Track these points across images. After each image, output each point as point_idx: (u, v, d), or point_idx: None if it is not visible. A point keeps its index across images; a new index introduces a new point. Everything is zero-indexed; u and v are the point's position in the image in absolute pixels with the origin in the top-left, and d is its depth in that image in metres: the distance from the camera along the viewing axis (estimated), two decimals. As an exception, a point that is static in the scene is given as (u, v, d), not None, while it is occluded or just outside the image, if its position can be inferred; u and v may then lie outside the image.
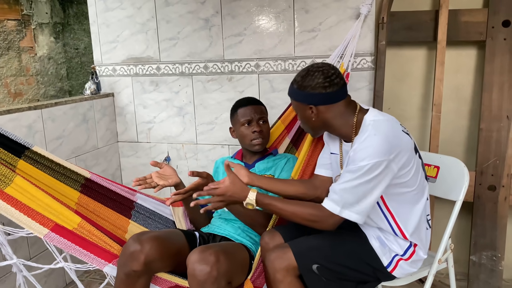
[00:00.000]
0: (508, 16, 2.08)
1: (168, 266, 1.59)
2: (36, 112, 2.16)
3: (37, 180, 1.62)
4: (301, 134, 2.13)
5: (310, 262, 1.43)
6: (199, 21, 2.48)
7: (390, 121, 1.42)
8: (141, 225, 1.86)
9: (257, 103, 1.95)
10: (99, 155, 2.64)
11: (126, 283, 1.49)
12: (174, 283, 1.58)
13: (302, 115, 1.51)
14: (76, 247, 1.50)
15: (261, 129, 1.88)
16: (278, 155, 2.02)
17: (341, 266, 1.46)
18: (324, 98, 1.43)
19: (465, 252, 2.30)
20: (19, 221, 1.47)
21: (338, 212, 1.36)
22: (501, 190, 2.14)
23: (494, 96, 2.13)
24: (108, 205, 1.79)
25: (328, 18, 2.25)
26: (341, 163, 1.56)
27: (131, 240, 1.51)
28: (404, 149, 1.36)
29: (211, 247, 1.47)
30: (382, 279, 1.52)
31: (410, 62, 2.36)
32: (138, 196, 1.89)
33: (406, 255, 1.49)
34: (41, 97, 3.39)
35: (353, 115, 1.45)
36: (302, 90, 1.45)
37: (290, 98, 1.53)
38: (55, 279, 2.31)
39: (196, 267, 1.40)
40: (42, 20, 3.35)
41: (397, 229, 1.47)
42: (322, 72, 1.42)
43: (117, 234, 1.77)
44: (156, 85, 2.65)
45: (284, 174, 1.89)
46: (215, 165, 2.12)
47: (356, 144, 1.38)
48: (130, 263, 1.47)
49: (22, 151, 1.61)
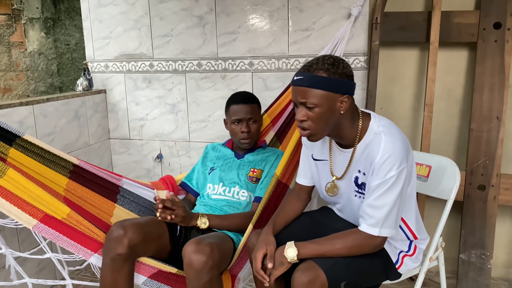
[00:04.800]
0: (499, 18, 2.11)
1: (150, 251, 1.68)
2: (28, 108, 2.14)
3: (27, 168, 1.66)
4: (286, 129, 2.19)
5: (340, 281, 1.34)
6: (193, 18, 2.47)
7: (394, 125, 1.40)
8: (126, 209, 1.92)
9: (250, 101, 1.96)
10: (91, 151, 2.62)
11: (112, 268, 1.56)
12: (157, 269, 1.66)
13: (326, 108, 1.32)
14: (63, 238, 1.56)
15: (249, 129, 1.93)
16: (268, 148, 2.08)
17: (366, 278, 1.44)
18: (353, 89, 1.36)
19: (454, 250, 2.33)
20: (9, 212, 1.51)
21: (378, 233, 1.33)
22: (490, 189, 2.17)
23: (484, 97, 2.16)
24: (95, 190, 1.84)
25: (322, 17, 2.26)
26: (331, 170, 1.51)
27: (114, 226, 1.60)
28: (410, 149, 1.38)
29: (205, 239, 1.57)
30: (391, 278, 1.51)
31: (403, 62, 2.38)
32: (124, 181, 1.93)
33: (411, 251, 1.51)
34: (31, 93, 3.35)
35: (358, 117, 1.40)
36: (337, 78, 1.30)
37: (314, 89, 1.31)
38: (45, 276, 2.28)
39: (193, 257, 1.49)
40: (32, 15, 3.31)
41: (410, 233, 1.49)
42: (344, 62, 1.34)
43: (103, 218, 1.82)
44: (149, 82, 2.63)
45: (273, 170, 1.95)
46: (205, 150, 2.16)
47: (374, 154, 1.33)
48: (114, 248, 1.55)
49: (13, 139, 1.64)
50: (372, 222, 1.33)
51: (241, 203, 1.93)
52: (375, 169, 1.33)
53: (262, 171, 1.98)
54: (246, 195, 1.94)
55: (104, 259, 1.58)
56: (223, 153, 2.08)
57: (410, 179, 1.39)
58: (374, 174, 1.33)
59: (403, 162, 1.30)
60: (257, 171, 1.97)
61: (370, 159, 1.35)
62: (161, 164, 2.72)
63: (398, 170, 1.29)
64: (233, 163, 2.02)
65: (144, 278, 1.65)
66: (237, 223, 1.82)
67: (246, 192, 1.94)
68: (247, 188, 1.95)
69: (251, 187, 1.96)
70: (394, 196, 1.31)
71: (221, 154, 2.08)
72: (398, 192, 1.31)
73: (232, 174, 1.98)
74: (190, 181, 2.10)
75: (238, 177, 1.96)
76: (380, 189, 1.32)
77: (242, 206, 1.93)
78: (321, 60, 1.33)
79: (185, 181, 2.12)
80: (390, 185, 1.30)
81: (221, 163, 2.04)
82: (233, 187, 1.95)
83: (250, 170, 1.98)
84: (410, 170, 1.35)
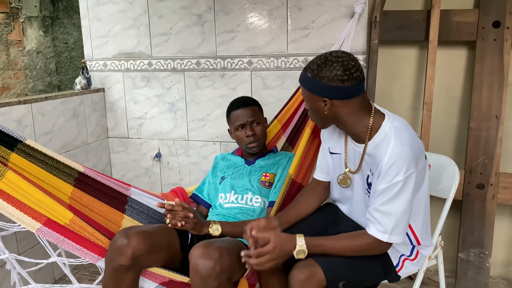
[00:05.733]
0: (498, 17, 2.11)
1: (159, 261, 1.58)
2: (26, 106, 2.13)
3: (30, 173, 1.60)
4: (297, 133, 2.13)
5: (338, 279, 1.34)
6: (192, 17, 2.46)
7: (408, 128, 1.37)
8: (135, 220, 1.85)
9: (250, 104, 1.91)
10: (89, 150, 2.62)
11: (114, 277, 1.49)
12: (168, 278, 1.57)
13: (313, 106, 1.39)
14: (69, 242, 1.50)
15: (254, 132, 1.87)
16: (279, 152, 2.02)
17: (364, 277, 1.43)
18: (341, 93, 1.30)
19: (453, 249, 2.33)
20: (11, 215, 1.45)
21: (387, 239, 1.32)
22: (489, 188, 2.17)
23: (483, 95, 2.16)
24: (102, 199, 1.77)
25: (321, 16, 2.26)
26: (345, 163, 1.50)
27: (118, 234, 1.51)
28: (422, 154, 1.35)
29: (214, 243, 1.47)
30: (390, 280, 1.50)
31: (402, 61, 2.38)
32: (132, 191, 1.87)
33: (412, 255, 1.50)
34: (30, 92, 3.34)
35: (369, 115, 1.36)
36: (318, 80, 1.31)
37: (302, 86, 1.40)
38: (43, 276, 2.28)
39: (199, 262, 1.39)
40: (31, 14, 3.30)
41: (414, 239, 1.48)
42: (342, 64, 1.29)
43: (111, 228, 1.75)
44: (147, 81, 2.63)
45: (286, 173, 1.89)
46: (215, 160, 2.10)
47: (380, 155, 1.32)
48: (117, 258, 1.47)
49: (15, 144, 1.58)
50: (382, 229, 1.32)
51: (255, 209, 1.85)
52: (382, 172, 1.31)
53: (274, 175, 1.91)
54: (260, 201, 1.86)
55: (106, 267, 1.51)
56: (233, 161, 2.02)
57: (421, 185, 1.37)
58: (380, 178, 1.31)
59: (411, 167, 1.27)
60: (269, 175, 1.91)
61: (378, 161, 1.34)
62: (160, 163, 2.71)
63: (405, 175, 1.27)
64: (244, 170, 1.95)
65: (154, 285, 1.58)
66: None
67: (260, 198, 1.87)
68: (260, 193, 1.88)
69: (265, 192, 1.89)
70: (403, 202, 1.29)
71: (231, 163, 2.02)
72: (408, 198, 1.29)
73: (243, 180, 1.91)
74: (201, 193, 2.03)
75: (250, 183, 1.90)
76: (387, 194, 1.30)
77: (256, 213, 1.85)
78: (316, 59, 1.35)
79: (196, 192, 2.05)
80: (397, 190, 1.28)
81: (231, 171, 1.97)
82: (246, 193, 1.87)
83: (262, 175, 1.91)
84: (420, 176, 1.32)
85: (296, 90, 2.11)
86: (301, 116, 2.09)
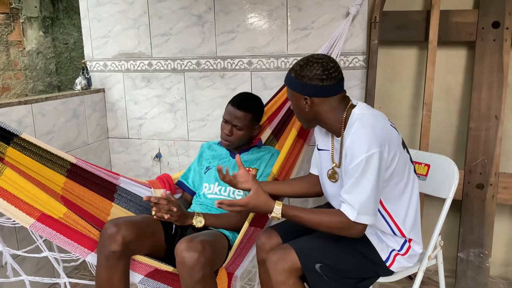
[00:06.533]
0: (498, 17, 2.12)
1: (145, 248, 1.69)
2: (26, 107, 2.14)
3: (25, 166, 1.67)
4: (283, 126, 2.17)
5: (313, 262, 1.42)
6: (192, 17, 2.47)
7: (377, 115, 1.43)
8: (123, 208, 1.93)
9: (244, 109, 1.91)
10: (89, 150, 2.62)
11: (107, 265, 1.57)
12: (153, 267, 1.66)
13: (295, 104, 1.50)
14: (60, 237, 1.57)
15: (231, 134, 1.91)
16: (263, 147, 2.06)
17: (343, 262, 1.46)
18: (320, 91, 1.42)
19: (453, 249, 2.33)
20: (5, 211, 1.51)
21: (355, 218, 1.34)
22: (489, 188, 2.17)
23: (483, 95, 2.16)
24: (92, 188, 1.85)
25: (321, 16, 2.26)
26: (332, 158, 1.56)
27: (108, 224, 1.62)
28: (392, 141, 1.38)
29: (197, 237, 1.58)
30: (382, 274, 1.53)
31: (402, 61, 2.39)
32: (121, 180, 1.94)
33: (403, 250, 1.51)
34: (30, 92, 3.35)
35: (344, 110, 1.45)
36: (299, 79, 1.43)
37: (286, 85, 1.52)
38: (44, 276, 2.27)
39: (185, 254, 1.50)
40: (31, 14, 3.30)
41: (396, 229, 1.49)
42: (321, 64, 1.41)
43: (100, 217, 1.84)
44: (147, 81, 2.63)
45: (268, 169, 1.94)
46: (201, 148, 2.15)
47: (347, 140, 1.39)
48: (108, 245, 1.56)
49: (11, 138, 1.64)
50: (350, 208, 1.35)
51: None
52: (347, 154, 1.38)
53: (257, 170, 1.97)
54: (242, 194, 1.93)
55: (98, 256, 1.59)
56: (218, 152, 2.08)
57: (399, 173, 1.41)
58: (347, 160, 1.38)
59: (372, 147, 1.31)
60: (252, 170, 1.96)
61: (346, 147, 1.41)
62: (160, 163, 2.72)
63: (367, 154, 1.31)
64: (229, 163, 2.01)
65: (140, 277, 1.66)
66: (233, 222, 1.82)
67: (242, 191, 1.93)
68: None
69: None
70: (368, 182, 1.32)
71: (216, 153, 2.08)
72: (372, 179, 1.32)
73: None
74: (186, 180, 2.10)
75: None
76: (352, 175, 1.35)
77: None
78: (299, 61, 1.47)
79: (182, 179, 2.12)
80: (361, 170, 1.32)
81: (216, 162, 2.04)
82: (229, 186, 1.92)
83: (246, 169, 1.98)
84: (389, 161, 1.36)
85: (283, 85, 2.14)
86: (287, 110, 2.13)
